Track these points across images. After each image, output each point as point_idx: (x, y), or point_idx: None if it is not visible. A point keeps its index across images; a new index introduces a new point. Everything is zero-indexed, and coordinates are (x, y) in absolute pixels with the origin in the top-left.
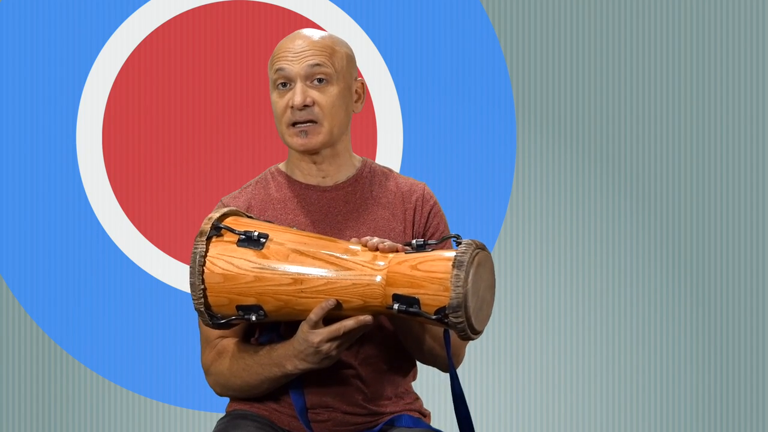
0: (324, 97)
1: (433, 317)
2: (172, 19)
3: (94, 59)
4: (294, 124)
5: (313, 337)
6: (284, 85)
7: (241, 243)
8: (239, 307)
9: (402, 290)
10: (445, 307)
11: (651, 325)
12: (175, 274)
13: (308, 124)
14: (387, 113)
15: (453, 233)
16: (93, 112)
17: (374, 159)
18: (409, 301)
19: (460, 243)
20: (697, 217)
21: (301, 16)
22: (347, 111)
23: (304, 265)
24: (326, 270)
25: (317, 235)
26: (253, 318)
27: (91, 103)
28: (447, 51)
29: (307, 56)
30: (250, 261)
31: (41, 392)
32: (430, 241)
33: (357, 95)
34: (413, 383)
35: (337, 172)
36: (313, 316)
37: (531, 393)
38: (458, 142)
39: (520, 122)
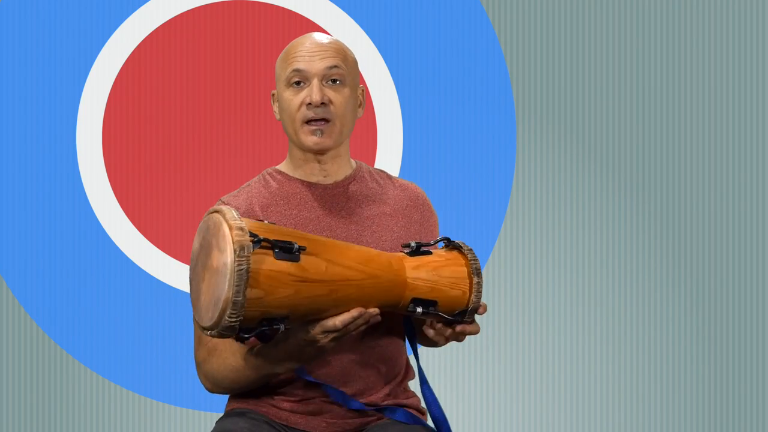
0: (339, 97)
1: (451, 318)
2: (172, 19)
3: (94, 59)
4: (308, 121)
5: (324, 338)
6: (298, 83)
7: (278, 255)
8: (266, 319)
9: (422, 294)
10: (465, 309)
11: (651, 324)
12: (175, 274)
13: (322, 122)
14: (387, 114)
15: (442, 236)
16: (93, 112)
17: (374, 159)
18: (428, 303)
19: (448, 244)
20: (697, 217)
21: (301, 16)
22: (354, 114)
23: (339, 276)
24: (357, 279)
25: (333, 240)
26: (282, 328)
27: (91, 103)
28: (447, 51)
29: (324, 56)
30: (291, 274)
31: (41, 392)
32: (425, 243)
33: (359, 101)
34: (410, 382)
35: (337, 171)
36: (339, 323)
37: (531, 393)
38: (458, 143)
39: (520, 122)
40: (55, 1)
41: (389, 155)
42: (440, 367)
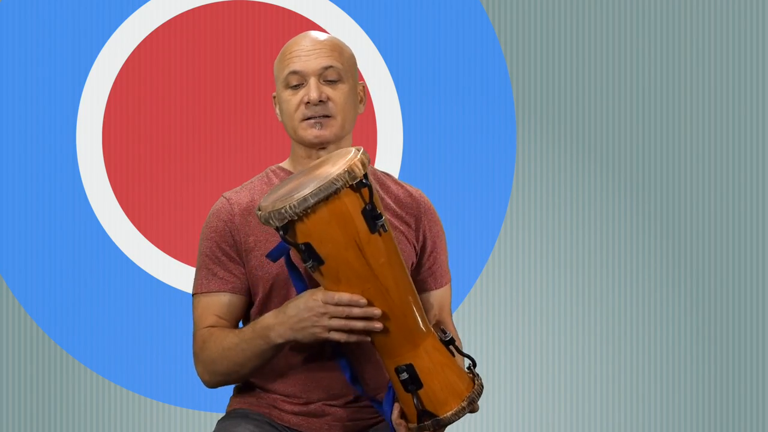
0: (337, 94)
1: (420, 410)
2: (172, 19)
3: (94, 59)
4: (308, 118)
5: (323, 310)
6: (296, 86)
7: (364, 213)
8: (308, 247)
9: (418, 369)
10: (436, 417)
11: (651, 324)
12: (175, 274)
13: (322, 117)
14: (387, 114)
15: (469, 355)
16: (93, 112)
17: (375, 159)
18: (415, 381)
19: (471, 366)
20: (698, 217)
21: (301, 16)
22: (355, 110)
23: (384, 282)
24: (393, 302)
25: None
26: (309, 265)
27: (91, 103)
28: (447, 51)
29: (320, 56)
30: (357, 234)
31: (41, 392)
32: (456, 345)
33: (359, 97)
34: None
35: None
36: (337, 298)
37: (530, 393)
38: (458, 143)
39: (520, 122)
40: (55, 1)
41: (389, 155)
42: None
